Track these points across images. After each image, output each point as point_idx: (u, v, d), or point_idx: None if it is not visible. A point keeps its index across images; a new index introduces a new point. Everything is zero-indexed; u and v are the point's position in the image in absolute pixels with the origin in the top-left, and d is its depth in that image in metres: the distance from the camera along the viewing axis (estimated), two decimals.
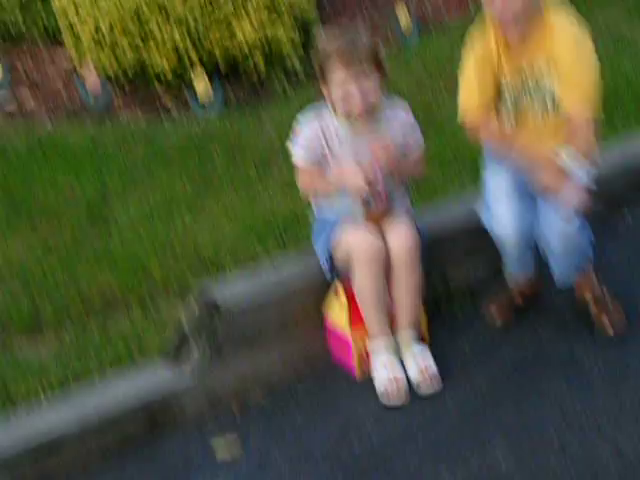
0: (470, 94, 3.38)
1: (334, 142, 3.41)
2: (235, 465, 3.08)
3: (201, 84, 5.91)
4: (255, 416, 3.29)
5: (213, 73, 6.12)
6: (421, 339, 3.44)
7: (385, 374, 3.32)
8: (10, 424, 3.10)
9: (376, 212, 3.38)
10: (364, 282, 3.34)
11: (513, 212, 3.32)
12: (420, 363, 3.34)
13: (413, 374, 3.33)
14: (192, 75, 6.04)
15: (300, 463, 3.05)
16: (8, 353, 3.52)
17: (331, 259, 3.43)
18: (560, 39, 3.22)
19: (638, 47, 6.01)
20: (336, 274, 3.44)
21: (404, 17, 6.95)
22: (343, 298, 3.43)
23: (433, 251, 3.60)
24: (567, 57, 3.21)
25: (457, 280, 3.80)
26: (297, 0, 6.45)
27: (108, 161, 5.14)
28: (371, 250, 3.33)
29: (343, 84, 3.31)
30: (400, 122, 3.46)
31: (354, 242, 3.35)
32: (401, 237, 3.36)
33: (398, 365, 3.35)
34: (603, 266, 3.63)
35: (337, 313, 3.47)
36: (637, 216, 4.24)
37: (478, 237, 3.79)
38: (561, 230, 3.21)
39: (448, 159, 4.64)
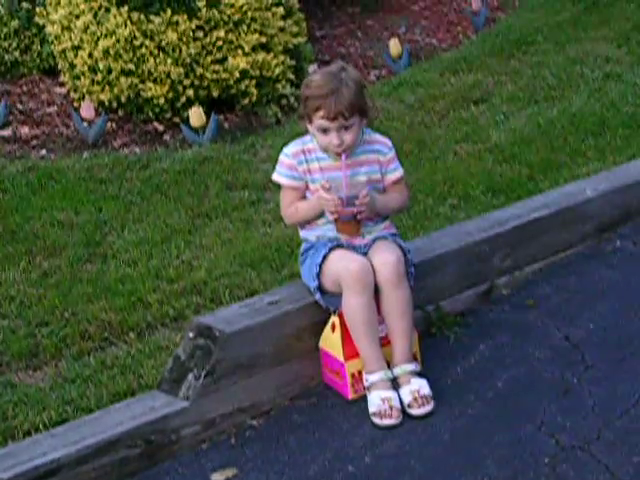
0: None
1: (315, 165, 3.51)
2: None
3: (194, 111, 5.95)
4: (250, 440, 3.32)
5: (206, 100, 6.17)
6: (413, 359, 3.46)
7: (378, 394, 3.35)
8: (10, 452, 3.11)
9: (348, 223, 3.45)
10: (353, 301, 3.36)
11: None
12: (413, 384, 3.37)
13: (405, 395, 3.35)
14: (185, 102, 6.09)
15: None
16: (7, 384, 3.52)
17: (320, 285, 3.47)
18: None
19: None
20: (330, 304, 3.48)
21: (395, 45, 7.06)
22: (338, 333, 3.45)
23: (425, 277, 3.66)
24: None
25: (449, 304, 3.86)
26: (288, 26, 6.53)
27: (103, 189, 5.18)
28: (359, 269, 3.37)
29: (324, 131, 3.43)
30: (378, 157, 3.56)
31: (341, 264, 3.40)
32: (383, 253, 3.43)
33: (391, 386, 3.38)
34: (595, 290, 3.67)
35: (333, 347, 3.49)
36: (625, 241, 4.32)
37: (468, 263, 3.88)
38: None
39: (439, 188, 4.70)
